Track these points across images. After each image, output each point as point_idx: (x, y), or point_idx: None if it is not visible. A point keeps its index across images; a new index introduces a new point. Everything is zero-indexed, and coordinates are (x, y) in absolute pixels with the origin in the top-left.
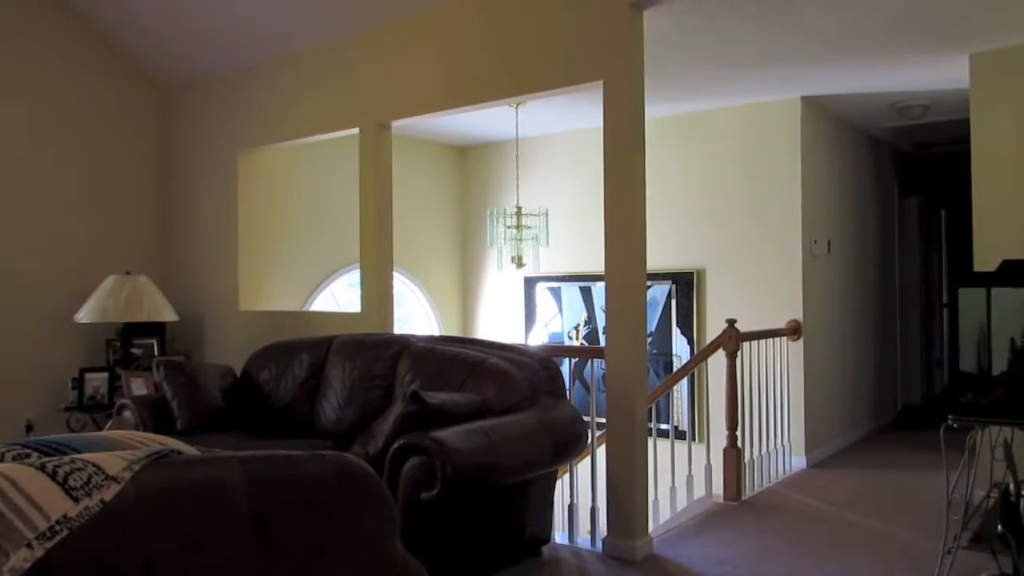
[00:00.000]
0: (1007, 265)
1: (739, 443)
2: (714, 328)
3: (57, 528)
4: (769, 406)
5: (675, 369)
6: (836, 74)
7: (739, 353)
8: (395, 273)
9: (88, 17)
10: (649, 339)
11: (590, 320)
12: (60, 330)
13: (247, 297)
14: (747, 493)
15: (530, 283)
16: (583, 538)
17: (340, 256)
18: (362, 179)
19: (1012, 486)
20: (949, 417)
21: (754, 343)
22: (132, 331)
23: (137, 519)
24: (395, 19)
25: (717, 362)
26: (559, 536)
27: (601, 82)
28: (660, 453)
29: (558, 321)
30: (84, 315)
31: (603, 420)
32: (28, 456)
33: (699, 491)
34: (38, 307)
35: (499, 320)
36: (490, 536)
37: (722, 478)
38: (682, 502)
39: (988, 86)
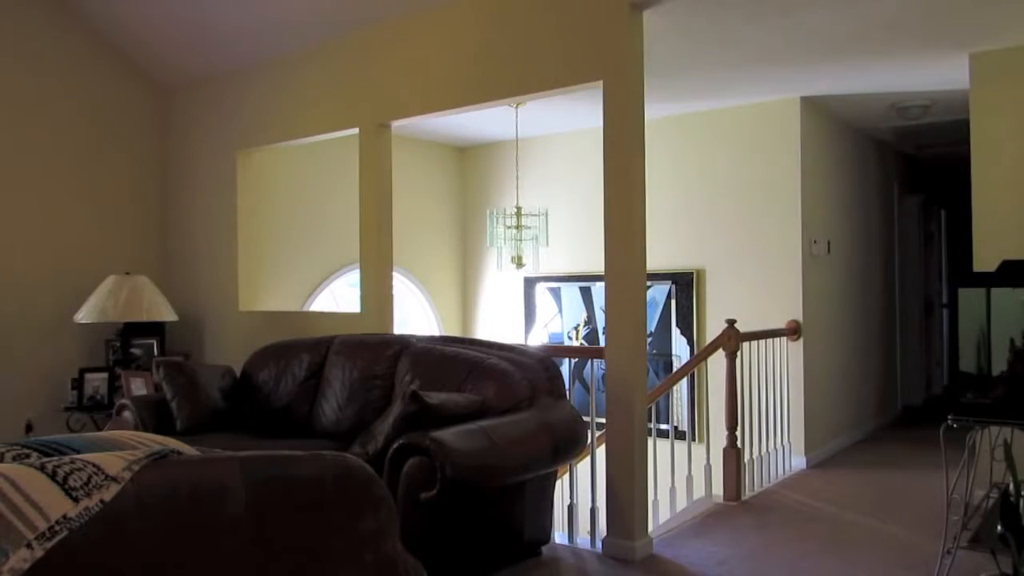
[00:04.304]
0: (1007, 265)
1: (739, 443)
2: (714, 328)
3: (57, 528)
4: (769, 406)
5: (675, 369)
6: (836, 74)
7: (739, 353)
8: (395, 273)
9: (88, 17)
10: (649, 339)
11: (590, 320)
12: (60, 330)
13: (247, 297)
14: (747, 493)
15: (530, 283)
16: (583, 538)
17: (340, 256)
18: (362, 179)
19: (1012, 486)
20: (949, 417)
21: (754, 343)
22: (132, 331)
23: (137, 519)
24: (395, 19)
25: (717, 362)
26: (559, 536)
27: (601, 82)
28: (660, 453)
29: (558, 321)
30: (84, 315)
31: (603, 420)
32: (28, 456)
33: (699, 491)
34: (38, 307)
35: (499, 320)
36: (489, 536)
37: (722, 478)
38: (682, 502)
39: (988, 86)
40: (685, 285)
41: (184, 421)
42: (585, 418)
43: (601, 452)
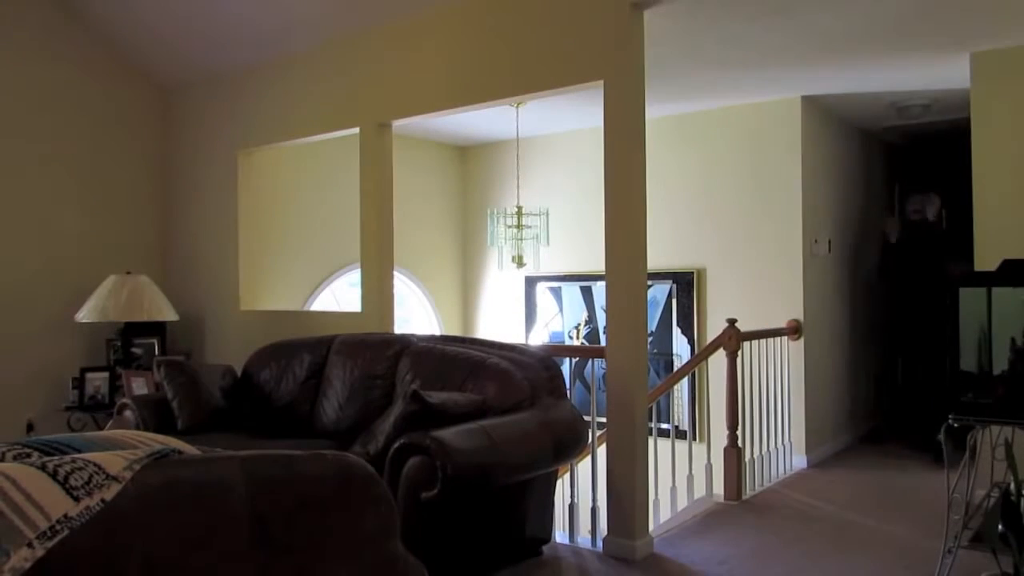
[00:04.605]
0: (1007, 265)
1: (739, 443)
2: (714, 328)
3: (58, 527)
4: (769, 405)
5: (675, 369)
6: (836, 74)
7: (740, 353)
8: (395, 273)
9: (88, 17)
10: (649, 339)
11: (590, 320)
12: (61, 330)
13: (247, 297)
14: (747, 493)
15: (530, 283)
16: (583, 538)
17: (340, 256)
18: (362, 179)
19: (1013, 486)
20: (950, 417)
21: (754, 343)
22: (133, 331)
23: (137, 518)
24: (395, 19)
25: (717, 362)
26: (559, 536)
27: (601, 82)
28: (660, 453)
29: (558, 321)
30: (85, 315)
31: (603, 420)
32: (29, 456)
33: (699, 491)
34: (39, 307)
35: (499, 320)
36: (490, 536)
37: (722, 478)
38: (682, 502)
39: (988, 86)
40: (686, 284)
41: (185, 420)
42: (586, 417)
43: (602, 451)
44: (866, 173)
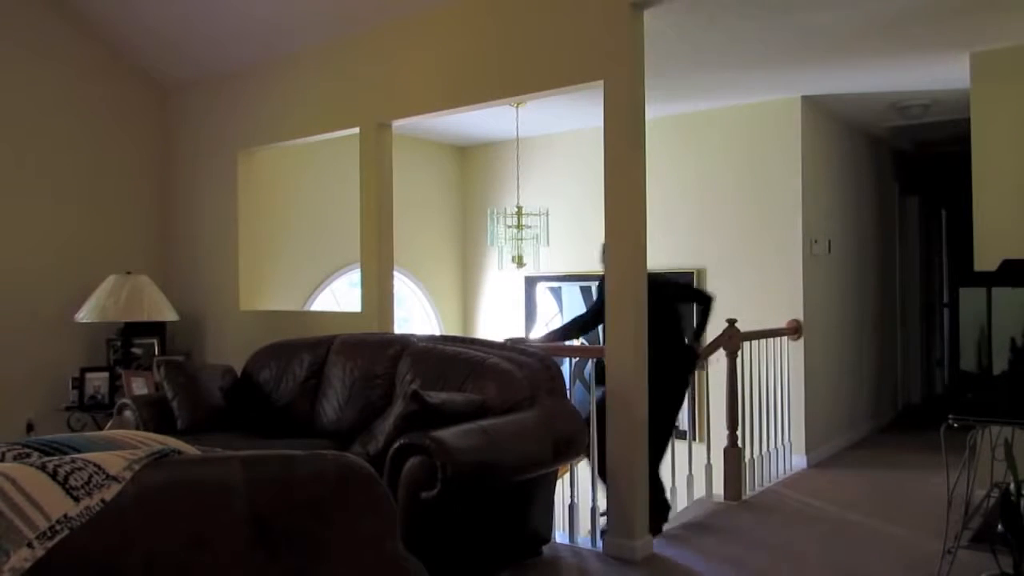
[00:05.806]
0: (1007, 265)
1: (739, 443)
2: (715, 328)
3: (58, 528)
4: (769, 406)
5: None
6: (836, 74)
7: (740, 353)
8: (395, 273)
9: (88, 17)
10: None
11: None
12: (60, 330)
13: (247, 297)
14: (747, 493)
15: (530, 283)
16: (583, 538)
17: (340, 256)
18: (362, 179)
19: (1012, 486)
20: (950, 416)
21: (755, 343)
22: (132, 331)
23: (137, 519)
24: (395, 19)
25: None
26: (559, 536)
27: (601, 82)
28: None
29: (558, 321)
30: (84, 315)
31: None
32: (29, 456)
33: (699, 491)
34: (38, 307)
35: (499, 320)
36: (490, 536)
37: (723, 478)
38: (683, 502)
39: (988, 86)
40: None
41: (185, 420)
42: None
43: None
44: (866, 173)
